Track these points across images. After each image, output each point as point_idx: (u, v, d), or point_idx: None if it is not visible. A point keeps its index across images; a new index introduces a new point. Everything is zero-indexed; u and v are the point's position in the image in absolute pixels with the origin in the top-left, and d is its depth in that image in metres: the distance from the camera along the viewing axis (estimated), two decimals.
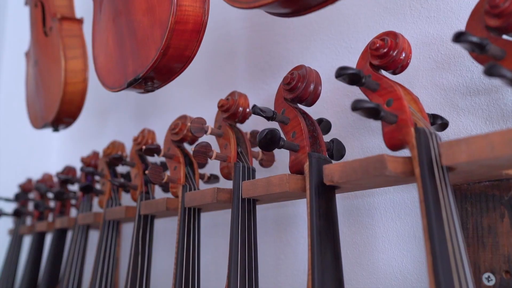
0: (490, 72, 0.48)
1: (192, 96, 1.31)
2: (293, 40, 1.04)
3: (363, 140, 0.88)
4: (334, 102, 0.93)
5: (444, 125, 0.69)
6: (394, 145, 0.62)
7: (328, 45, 0.97)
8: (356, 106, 0.59)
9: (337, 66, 0.94)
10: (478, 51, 0.54)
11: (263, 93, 1.09)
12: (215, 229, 1.15)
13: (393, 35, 0.68)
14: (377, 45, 0.67)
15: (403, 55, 0.67)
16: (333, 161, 0.76)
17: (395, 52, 0.67)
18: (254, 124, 1.07)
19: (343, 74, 0.64)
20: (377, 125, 0.86)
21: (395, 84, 0.65)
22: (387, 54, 0.67)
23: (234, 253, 0.77)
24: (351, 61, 0.92)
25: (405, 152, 0.75)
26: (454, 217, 0.54)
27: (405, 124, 0.61)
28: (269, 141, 0.71)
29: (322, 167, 0.69)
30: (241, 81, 1.15)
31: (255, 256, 0.79)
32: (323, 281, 0.63)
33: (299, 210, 0.96)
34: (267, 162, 0.95)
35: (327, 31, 0.97)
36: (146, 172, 0.92)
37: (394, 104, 0.63)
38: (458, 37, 0.53)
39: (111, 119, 1.69)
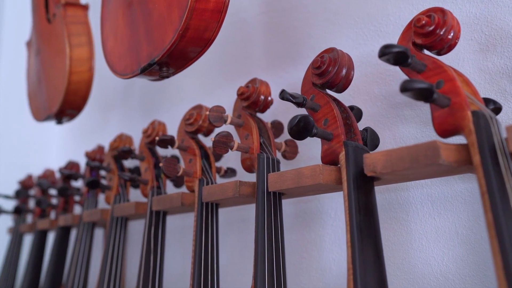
0: None
1: (203, 87, 1.25)
2: (315, 25, 0.98)
3: (395, 130, 0.82)
4: (362, 90, 0.87)
5: (497, 109, 0.63)
6: (445, 131, 0.56)
7: (355, 29, 0.90)
8: (407, 87, 0.53)
9: (365, 52, 0.89)
10: None
11: (282, 81, 1.02)
12: (229, 227, 1.08)
13: (440, 11, 0.62)
14: (423, 22, 0.61)
15: (452, 34, 0.61)
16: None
17: (443, 30, 0.61)
18: (272, 114, 1.00)
19: (388, 53, 0.58)
20: (410, 113, 0.80)
21: (445, 64, 0.59)
22: (433, 32, 0.61)
23: (260, 251, 0.71)
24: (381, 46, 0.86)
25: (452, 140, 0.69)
26: None
27: (460, 107, 0.54)
28: (302, 129, 0.65)
29: (360, 157, 0.63)
30: (257, 69, 1.09)
31: (283, 254, 0.73)
32: (366, 281, 0.57)
33: (324, 206, 0.90)
34: (290, 154, 0.88)
35: (354, 14, 0.91)
36: (161, 164, 0.86)
37: (445, 86, 0.57)
38: None
39: (114, 112, 1.62)
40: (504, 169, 0.49)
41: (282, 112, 0.99)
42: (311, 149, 0.93)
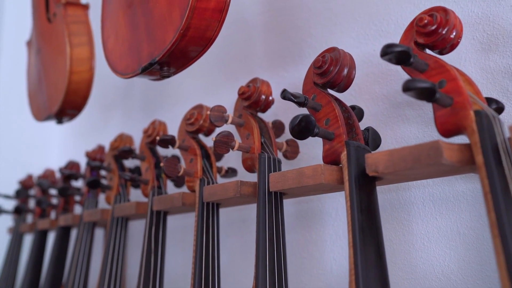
0: None
1: (204, 86, 1.25)
2: (316, 24, 0.98)
3: (397, 129, 0.81)
4: (363, 89, 0.87)
5: (499, 109, 0.62)
6: (448, 131, 0.56)
7: (356, 28, 0.90)
8: (409, 86, 0.52)
9: (366, 51, 0.89)
10: None
11: (283, 81, 1.02)
12: (231, 227, 1.08)
13: (442, 10, 0.61)
14: (425, 21, 0.61)
15: (454, 33, 0.61)
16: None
17: (445, 29, 0.61)
18: (273, 113, 1.00)
19: (390, 52, 0.57)
20: (412, 113, 0.80)
21: (447, 64, 0.59)
22: (435, 31, 0.61)
23: (261, 251, 0.71)
24: (382, 45, 0.85)
25: (454, 139, 0.69)
26: None
27: (463, 106, 0.54)
28: (303, 129, 0.64)
29: (361, 157, 0.63)
30: (258, 69, 1.09)
31: (284, 254, 0.72)
32: (368, 281, 0.57)
33: (325, 206, 0.90)
34: (291, 154, 0.88)
35: (355, 14, 0.91)
36: (161, 164, 0.85)
37: (448, 85, 0.57)
38: None
39: (115, 112, 1.62)
40: (507, 169, 0.49)
41: (283, 112, 0.99)
42: (312, 149, 0.93)
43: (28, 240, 1.61)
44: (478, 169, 0.51)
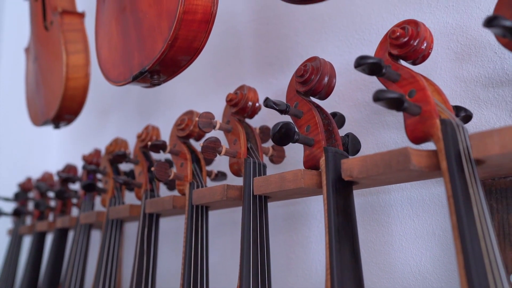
0: None
1: (197, 91, 1.28)
2: (303, 33, 1.01)
3: (378, 135, 0.85)
4: (346, 96, 0.90)
5: (467, 117, 0.66)
6: (417, 138, 0.59)
7: (340, 37, 0.93)
8: (379, 97, 0.56)
9: (349, 59, 0.92)
10: (511, 36, 0.51)
11: (271, 87, 1.05)
12: (222, 229, 1.11)
13: (414, 23, 0.65)
14: (397, 34, 0.64)
15: (425, 44, 0.64)
16: (349, 156, 0.73)
17: (416, 41, 0.64)
18: (262, 119, 1.04)
19: (363, 63, 0.61)
20: (392, 119, 0.83)
21: (417, 74, 0.62)
22: (407, 43, 0.64)
23: (245, 252, 0.74)
24: (365, 54, 0.89)
25: (427, 146, 0.72)
26: (486, 213, 0.51)
27: (430, 115, 0.58)
28: (283, 135, 0.68)
29: (339, 162, 0.66)
30: (248, 76, 1.12)
31: (268, 255, 0.76)
32: (343, 281, 0.60)
33: (311, 208, 0.93)
34: (277, 158, 0.91)
35: (339, 23, 0.94)
36: (152, 169, 0.89)
37: (417, 95, 0.60)
38: (490, 22, 0.50)
39: (112, 116, 1.65)
40: (468, 175, 0.52)
41: (271, 118, 1.03)
42: (297, 154, 0.96)
43: (27, 242, 1.65)
44: (443, 174, 0.54)
